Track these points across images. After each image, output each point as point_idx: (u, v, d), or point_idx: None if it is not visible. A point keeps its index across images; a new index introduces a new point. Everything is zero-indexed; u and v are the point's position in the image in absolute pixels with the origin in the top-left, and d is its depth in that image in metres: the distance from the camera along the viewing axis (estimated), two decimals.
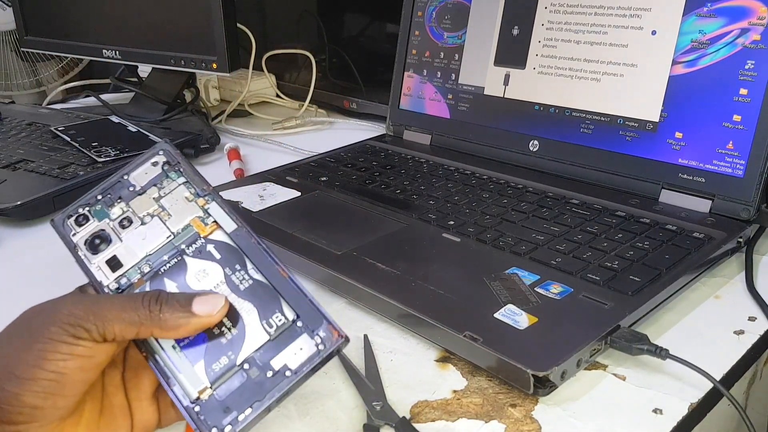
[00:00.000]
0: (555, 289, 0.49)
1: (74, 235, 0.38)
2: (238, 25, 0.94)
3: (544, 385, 0.41)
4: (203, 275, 0.36)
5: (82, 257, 0.38)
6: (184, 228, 0.38)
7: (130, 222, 0.38)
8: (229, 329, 0.35)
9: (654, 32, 0.65)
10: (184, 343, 0.35)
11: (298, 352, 0.34)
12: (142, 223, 0.38)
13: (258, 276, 0.36)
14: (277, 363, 0.34)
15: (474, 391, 0.43)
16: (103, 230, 0.38)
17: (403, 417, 0.40)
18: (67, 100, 1.21)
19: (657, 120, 0.64)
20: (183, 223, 0.38)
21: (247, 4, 1.21)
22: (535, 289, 0.49)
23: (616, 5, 0.67)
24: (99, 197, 0.39)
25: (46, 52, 1.18)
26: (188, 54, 0.93)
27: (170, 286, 0.36)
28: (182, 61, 0.94)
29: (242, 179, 0.78)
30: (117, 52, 1.01)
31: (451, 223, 0.61)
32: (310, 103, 1.05)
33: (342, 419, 0.41)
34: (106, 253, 0.37)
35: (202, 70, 0.94)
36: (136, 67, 1.10)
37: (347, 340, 0.34)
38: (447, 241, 0.58)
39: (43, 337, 0.32)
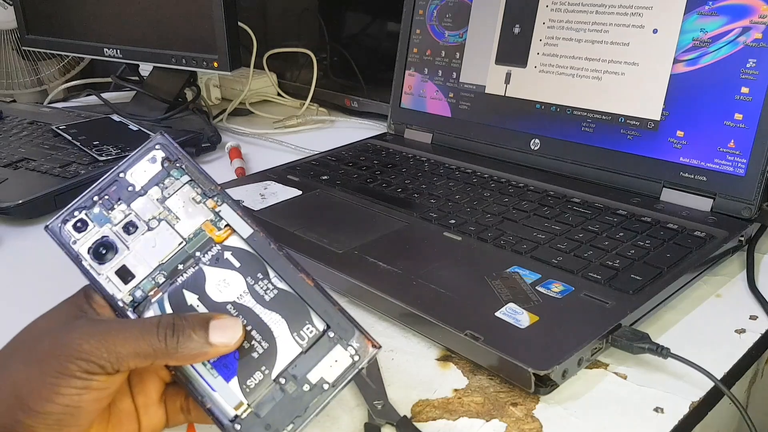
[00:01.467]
0: (556, 288, 0.49)
1: (74, 242, 0.35)
2: (239, 23, 0.94)
3: (545, 384, 0.41)
4: (224, 285, 0.34)
5: (88, 268, 0.35)
6: (195, 233, 0.35)
7: (135, 227, 0.35)
8: (259, 342, 0.34)
9: (655, 31, 0.64)
10: (215, 360, 0.34)
11: (334, 364, 0.33)
12: (149, 229, 0.35)
13: (282, 285, 0.34)
14: (313, 377, 0.33)
15: (475, 390, 0.43)
16: (106, 237, 0.35)
17: (404, 416, 0.40)
18: (69, 99, 1.21)
19: (658, 118, 0.64)
20: (194, 227, 0.35)
21: (248, 2, 1.21)
22: (536, 287, 0.49)
23: (618, 4, 0.67)
24: (95, 198, 0.36)
25: (48, 51, 1.18)
26: (189, 53, 0.93)
27: (191, 298, 0.35)
28: (183, 59, 0.94)
29: (243, 178, 0.78)
30: (118, 51, 1.01)
31: (453, 221, 0.61)
32: (311, 101, 1.05)
33: (343, 418, 0.41)
34: (115, 263, 0.35)
35: (204, 69, 0.94)
36: (138, 65, 1.10)
37: (380, 348, 0.33)
38: (448, 239, 0.58)
39: (55, 371, 0.31)
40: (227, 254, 0.35)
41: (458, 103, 0.81)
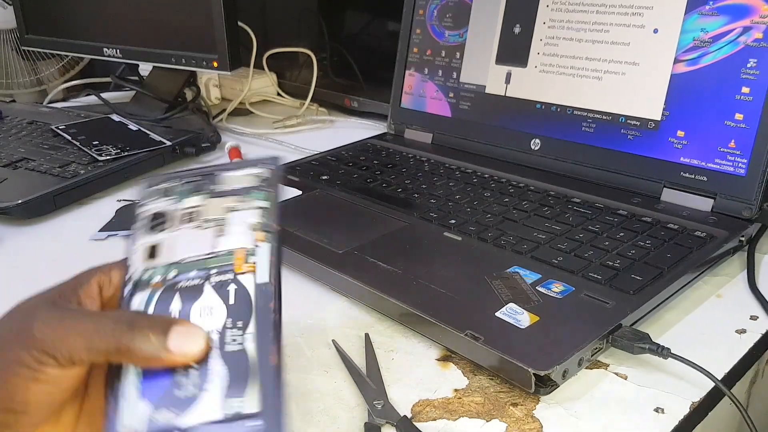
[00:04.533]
0: (556, 288, 0.49)
1: (145, 205, 0.36)
2: (239, 23, 0.94)
3: (545, 384, 0.41)
4: (208, 313, 0.32)
5: (134, 229, 0.35)
6: (227, 252, 0.33)
7: (191, 220, 0.35)
8: (192, 384, 0.30)
9: (656, 30, 0.64)
10: (150, 372, 0.31)
11: None
12: (198, 227, 0.34)
13: (250, 346, 0.30)
14: None
15: (475, 390, 0.43)
16: (166, 212, 0.35)
17: (405, 416, 0.40)
18: (68, 99, 1.21)
19: (659, 118, 0.64)
20: (229, 247, 0.34)
21: (248, 2, 1.21)
22: (536, 287, 0.49)
23: (618, 3, 0.67)
24: (191, 178, 0.36)
25: (47, 51, 1.18)
26: (189, 52, 0.93)
27: (175, 307, 0.32)
28: (183, 59, 0.94)
29: None
30: (118, 51, 1.01)
31: (453, 221, 0.61)
32: (311, 101, 1.05)
33: (343, 418, 0.41)
34: (155, 238, 0.34)
35: (203, 69, 0.94)
36: (137, 65, 1.10)
37: None
38: (448, 239, 0.58)
39: (8, 359, 0.30)
40: (231, 286, 0.32)
41: (458, 103, 0.81)
